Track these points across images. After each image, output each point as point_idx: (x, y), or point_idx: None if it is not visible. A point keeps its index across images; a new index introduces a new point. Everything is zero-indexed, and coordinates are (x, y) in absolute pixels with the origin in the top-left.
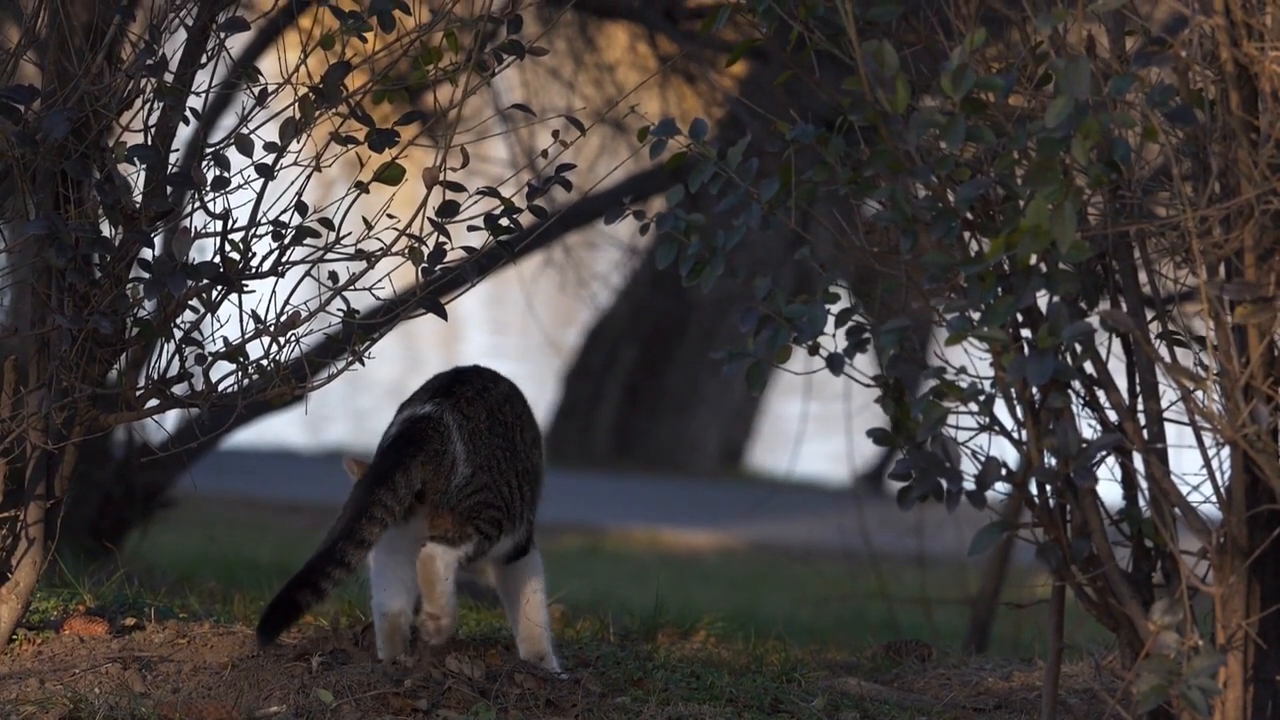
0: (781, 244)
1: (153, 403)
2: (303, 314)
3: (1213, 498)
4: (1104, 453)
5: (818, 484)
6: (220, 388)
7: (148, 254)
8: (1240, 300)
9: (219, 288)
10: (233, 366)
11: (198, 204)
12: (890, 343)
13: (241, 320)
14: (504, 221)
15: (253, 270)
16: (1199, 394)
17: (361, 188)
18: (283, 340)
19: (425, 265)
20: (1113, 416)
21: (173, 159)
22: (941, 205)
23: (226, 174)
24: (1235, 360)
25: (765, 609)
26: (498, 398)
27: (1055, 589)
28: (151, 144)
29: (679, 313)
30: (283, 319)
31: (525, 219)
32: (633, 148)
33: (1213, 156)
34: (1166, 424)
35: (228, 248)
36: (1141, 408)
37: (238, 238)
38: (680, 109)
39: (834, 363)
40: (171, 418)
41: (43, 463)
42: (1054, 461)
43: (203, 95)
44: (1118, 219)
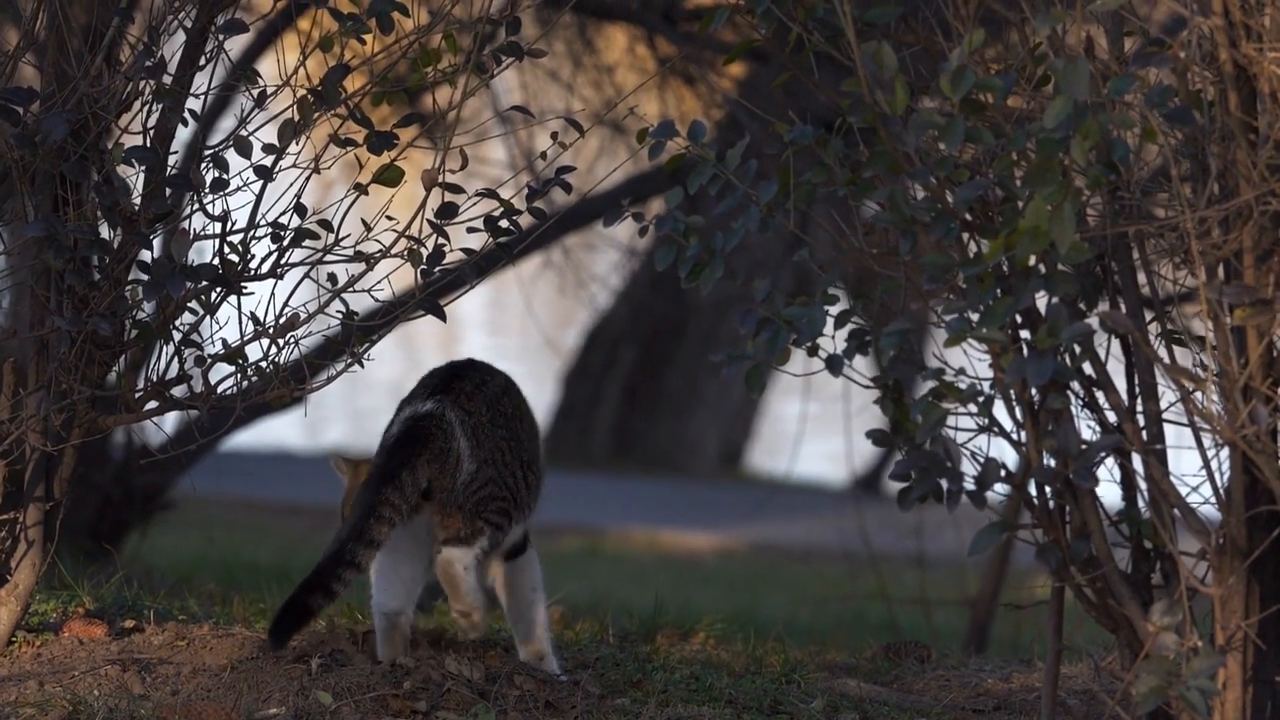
0: (780, 246)
1: (152, 405)
2: (302, 316)
3: (1212, 499)
4: (1104, 454)
5: (817, 485)
6: (219, 390)
7: (147, 256)
8: (1239, 303)
9: (218, 290)
10: (232, 368)
11: (197, 206)
12: (891, 345)
13: (240, 322)
14: (503, 223)
15: (252, 272)
16: (1198, 395)
17: (360, 190)
18: (282, 342)
19: (424, 267)
20: (1112, 418)
21: (171, 161)
22: (940, 206)
23: (225, 176)
24: (1234, 361)
25: (764, 610)
26: (496, 390)
27: (1054, 590)
28: (150, 146)
29: (678, 314)
30: (282, 321)
31: (524, 221)
32: (632, 149)
33: (1211, 157)
34: (1166, 425)
35: (227, 250)
36: (1140, 409)
37: (237, 240)
38: (679, 111)
39: (833, 364)
40: (170, 420)
41: (42, 465)
42: (1053, 462)
43: (201, 97)
44: (1117, 220)
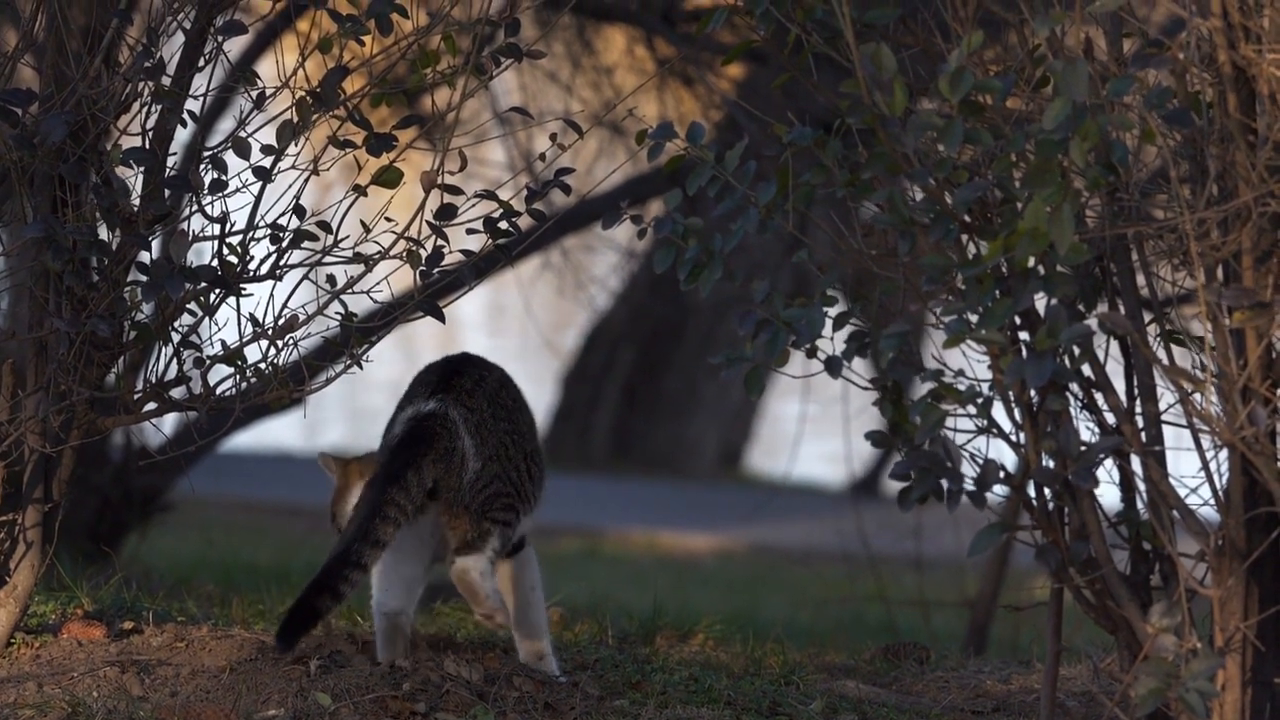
0: (779, 247)
1: (151, 406)
2: (301, 317)
3: (1211, 500)
4: (1103, 455)
5: (816, 487)
6: (218, 391)
7: (145, 257)
8: (1238, 306)
9: (217, 291)
10: (231, 370)
11: (195, 207)
12: (890, 346)
13: (239, 323)
14: (502, 225)
15: (251, 273)
16: (1197, 397)
17: (359, 191)
18: (281, 343)
19: (423, 268)
20: (1111, 419)
21: (170, 162)
22: (939, 208)
23: (224, 177)
24: (1233, 363)
25: (764, 612)
26: (494, 384)
27: (1053, 591)
28: (149, 147)
29: (677, 316)
30: (281, 322)
31: (523, 222)
32: (630, 151)
33: (1210, 159)
34: (1165, 427)
35: (226, 251)
36: (1139, 410)
37: (236, 241)
38: (678, 112)
39: (832, 366)
40: (169, 421)
41: (40, 466)
42: (1052, 464)
43: (200, 99)
44: (1116, 221)
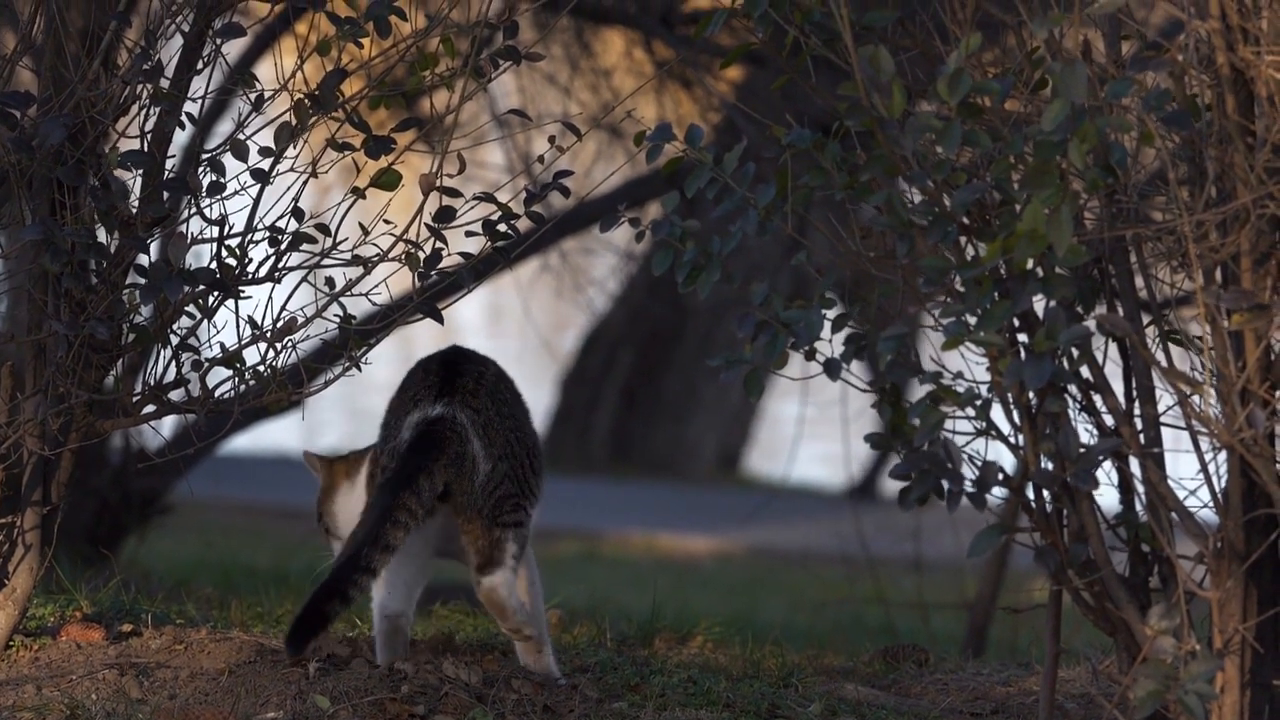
0: (778, 249)
1: (149, 409)
2: (299, 319)
3: (1209, 502)
4: (1103, 457)
5: (815, 489)
6: (217, 393)
7: (144, 260)
8: (1237, 308)
9: (215, 293)
10: (229, 372)
11: (194, 210)
12: (888, 349)
13: (238, 326)
14: (501, 227)
15: (249, 276)
16: (1196, 398)
17: (358, 193)
18: (279, 346)
19: (422, 270)
20: (1109, 421)
21: (169, 165)
22: (938, 210)
23: (223, 180)
24: (1232, 365)
25: (762, 614)
26: (492, 380)
27: (1052, 594)
28: (147, 150)
29: (676, 318)
30: (279, 325)
31: (522, 224)
32: (629, 153)
33: (1209, 161)
34: (1163, 429)
35: (224, 253)
36: (1138, 412)
37: (234, 243)
38: (676, 114)
39: (830, 368)
40: (168, 423)
41: (39, 469)
42: (1051, 465)
43: (199, 101)
44: (1114, 223)
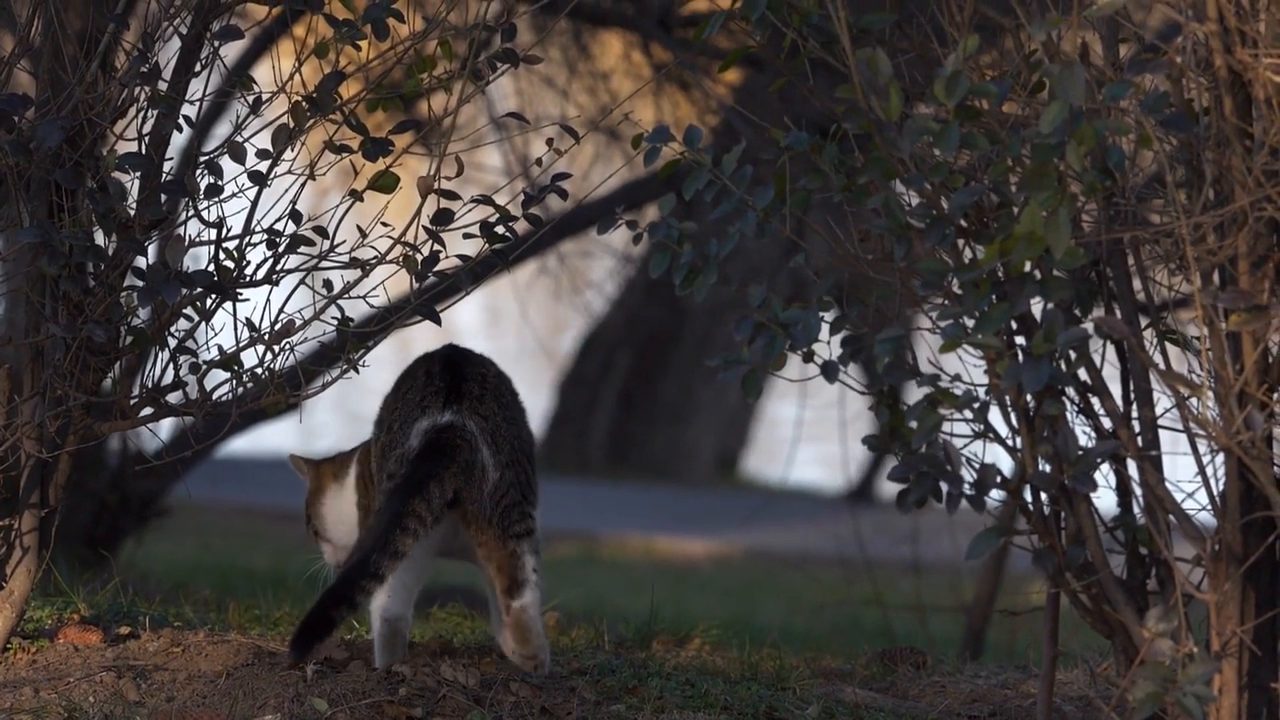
0: (775, 252)
1: (147, 411)
2: (297, 322)
3: (1207, 505)
4: (1101, 459)
5: (812, 491)
6: (215, 396)
7: (142, 262)
8: (1234, 309)
9: (213, 296)
10: (227, 375)
11: (192, 212)
12: (886, 351)
13: (236, 328)
14: (499, 229)
15: (247, 278)
16: (1194, 401)
17: (356, 196)
18: (277, 348)
19: (420, 273)
20: (1107, 423)
21: (167, 167)
22: (935, 212)
23: (220, 182)
24: (1229, 367)
25: (760, 616)
26: (495, 382)
27: (1050, 596)
28: (145, 152)
29: (673, 320)
30: (277, 327)
31: (520, 227)
32: (627, 155)
33: (1207, 163)
34: (1161, 431)
35: (222, 256)
36: (1136, 415)
37: (232, 246)
38: (674, 117)
39: (828, 370)
40: (166, 426)
41: (37, 471)
42: (1049, 468)
43: (197, 104)
44: (1112, 226)
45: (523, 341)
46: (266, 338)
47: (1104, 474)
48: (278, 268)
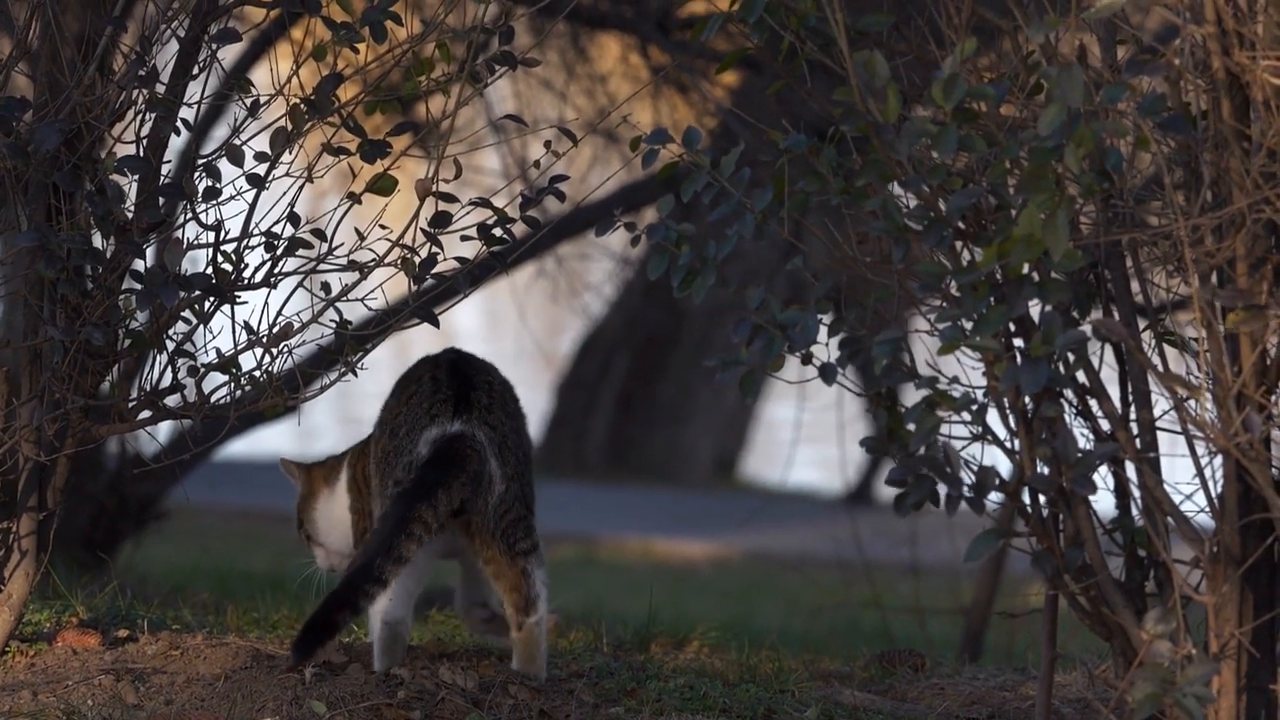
0: (773, 254)
1: (145, 414)
2: (295, 325)
3: (1205, 507)
4: (1100, 461)
5: (811, 494)
6: (213, 399)
7: (140, 265)
8: (1232, 308)
9: (211, 299)
10: (225, 378)
11: (190, 215)
12: (884, 353)
13: (234, 331)
14: (497, 232)
15: (245, 281)
16: (1192, 403)
17: (354, 199)
18: (275, 351)
19: (418, 276)
20: (1105, 425)
21: (165, 170)
22: (933, 214)
23: (218, 185)
24: (1228, 369)
25: (759, 619)
26: (500, 390)
27: (1048, 598)
28: (143, 155)
29: (672, 323)
30: (275, 330)
31: (518, 229)
32: (625, 158)
33: (1205, 165)
34: (1159, 433)
35: (220, 259)
36: (1134, 417)
37: (230, 249)
38: (673, 119)
39: (826, 372)
40: (164, 429)
41: (35, 475)
42: (1047, 470)
43: (195, 106)
44: (1110, 228)
45: (521, 344)
46: (265, 340)
47: (1102, 476)
48: (276, 270)
